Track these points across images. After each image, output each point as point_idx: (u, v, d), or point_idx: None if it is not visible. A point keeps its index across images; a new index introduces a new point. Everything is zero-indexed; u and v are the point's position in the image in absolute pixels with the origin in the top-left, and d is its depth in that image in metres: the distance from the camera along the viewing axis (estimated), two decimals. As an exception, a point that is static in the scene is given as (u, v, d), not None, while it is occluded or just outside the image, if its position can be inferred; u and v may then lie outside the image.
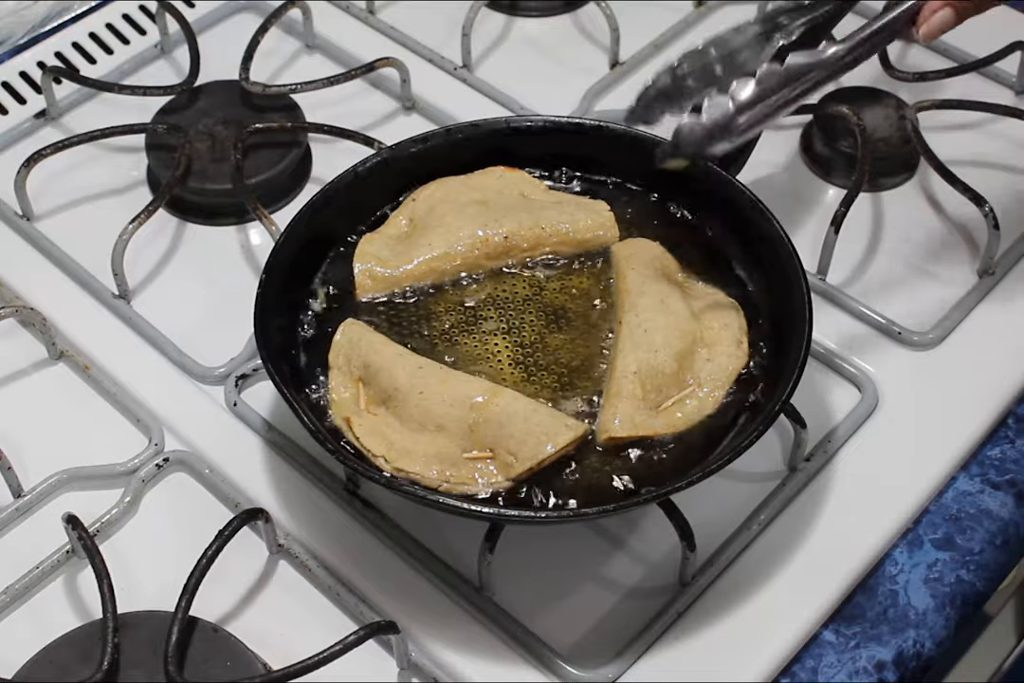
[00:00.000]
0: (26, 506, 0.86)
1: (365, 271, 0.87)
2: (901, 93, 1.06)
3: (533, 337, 0.85)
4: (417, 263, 0.87)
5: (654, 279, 0.85)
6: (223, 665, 0.77)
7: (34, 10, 1.15)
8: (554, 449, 0.78)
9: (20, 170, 1.00)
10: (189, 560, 0.78)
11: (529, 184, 0.92)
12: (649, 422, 0.80)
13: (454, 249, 0.88)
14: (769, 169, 1.04)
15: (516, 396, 0.80)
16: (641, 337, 0.82)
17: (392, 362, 0.81)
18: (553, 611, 0.81)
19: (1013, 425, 0.91)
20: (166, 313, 0.96)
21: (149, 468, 0.87)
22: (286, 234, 0.86)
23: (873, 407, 0.90)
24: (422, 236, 0.88)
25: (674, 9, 1.16)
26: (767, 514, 0.85)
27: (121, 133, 1.04)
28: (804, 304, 0.81)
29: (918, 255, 0.99)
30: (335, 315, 0.86)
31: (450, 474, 0.78)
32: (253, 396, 0.92)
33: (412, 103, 1.09)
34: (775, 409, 0.77)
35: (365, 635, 0.74)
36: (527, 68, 1.13)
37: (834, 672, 0.80)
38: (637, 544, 0.85)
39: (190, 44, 1.09)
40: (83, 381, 0.93)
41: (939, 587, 0.83)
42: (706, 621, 0.81)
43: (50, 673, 0.77)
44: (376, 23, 1.15)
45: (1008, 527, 0.86)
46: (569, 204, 0.90)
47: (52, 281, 0.98)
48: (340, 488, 0.86)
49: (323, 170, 1.05)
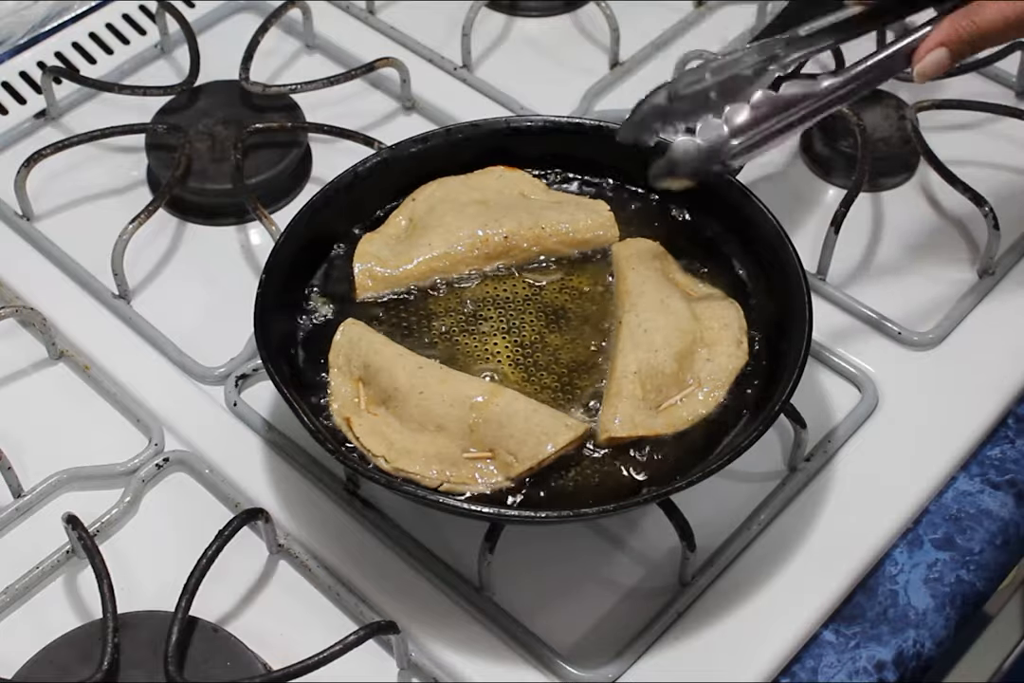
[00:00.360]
0: (26, 506, 0.86)
1: (365, 271, 0.87)
2: (901, 93, 1.06)
3: (533, 337, 0.85)
4: (417, 263, 0.87)
5: (654, 279, 0.85)
6: (223, 665, 0.77)
7: (34, 10, 1.15)
8: (554, 449, 0.78)
9: (20, 170, 1.00)
10: (189, 560, 0.78)
11: (529, 184, 0.92)
12: (649, 422, 0.80)
13: (454, 249, 0.88)
14: (769, 169, 1.04)
15: (516, 396, 0.80)
16: (641, 337, 0.82)
17: (392, 362, 0.81)
18: (553, 611, 0.81)
19: (1013, 425, 0.91)
20: (166, 313, 0.96)
21: (149, 468, 0.87)
22: (286, 234, 0.87)
23: (873, 407, 0.90)
24: (422, 236, 0.88)
25: (674, 9, 1.16)
26: (767, 514, 0.85)
27: (121, 133, 1.04)
28: (804, 304, 0.81)
29: (918, 255, 0.99)
30: (335, 315, 0.86)
31: (450, 474, 0.78)
32: (253, 396, 0.92)
33: (412, 103, 1.09)
34: (775, 409, 0.77)
35: (365, 635, 0.74)
36: (527, 68, 1.13)
37: (834, 672, 0.80)
38: (637, 544, 0.85)
39: (190, 44, 1.09)
40: (83, 381, 0.93)
41: (939, 587, 0.83)
42: (706, 621, 0.81)
43: (50, 673, 0.77)
44: (376, 23, 1.15)
45: (1008, 527, 0.86)
46: (569, 204, 0.90)
47: (52, 281, 0.98)
48: (340, 488, 0.86)
49: (323, 170, 1.05)
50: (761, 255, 0.87)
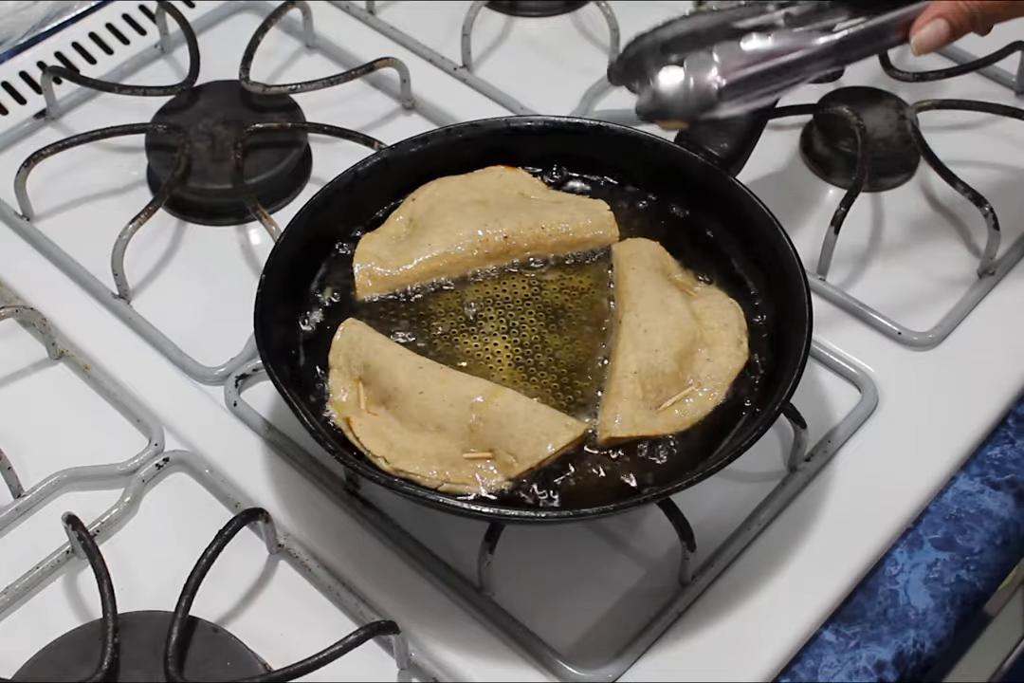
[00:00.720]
0: (26, 506, 0.86)
1: (365, 271, 0.87)
2: (901, 93, 1.06)
3: (533, 337, 0.85)
4: (417, 263, 0.87)
5: (654, 279, 0.85)
6: (223, 665, 0.77)
7: (34, 10, 1.15)
8: (554, 449, 0.78)
9: (20, 170, 1.00)
10: (189, 560, 0.78)
11: (529, 184, 0.92)
12: (649, 422, 0.80)
13: (454, 249, 0.88)
14: (769, 169, 1.04)
15: (516, 396, 0.80)
16: (641, 337, 0.82)
17: (392, 362, 0.81)
18: (553, 611, 0.81)
19: (1013, 425, 0.91)
20: (166, 313, 0.96)
21: (149, 468, 0.87)
22: (286, 234, 0.86)
23: (873, 407, 0.90)
24: (422, 236, 0.88)
25: (674, 9, 1.14)
26: (767, 514, 0.85)
27: (121, 133, 1.04)
28: (804, 304, 0.81)
29: (918, 255, 0.99)
30: (335, 315, 0.86)
31: (450, 474, 0.78)
32: (253, 396, 0.92)
33: (412, 103, 1.09)
34: (775, 409, 0.77)
35: (365, 635, 0.74)
36: (527, 68, 1.13)
37: (834, 672, 0.80)
38: (637, 544, 0.85)
39: (190, 44, 1.09)
40: (83, 381, 0.93)
41: (939, 587, 0.83)
42: (706, 621, 0.81)
43: (50, 673, 0.77)
44: (376, 23, 1.15)
45: (1008, 527, 0.86)
46: (569, 204, 0.90)
47: (52, 281, 0.98)
48: (340, 488, 0.86)
49: (323, 170, 1.05)
50: (761, 255, 0.87)
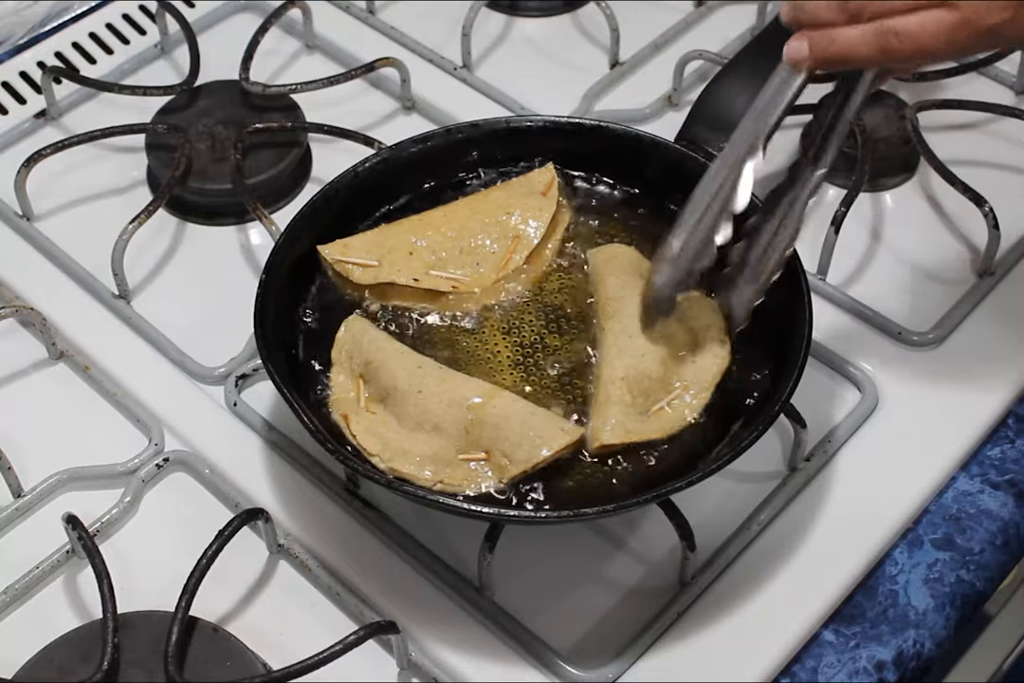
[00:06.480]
0: (26, 506, 0.86)
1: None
2: (901, 93, 1.06)
3: (533, 337, 0.85)
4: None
5: (634, 284, 0.85)
6: (223, 665, 0.77)
7: (34, 10, 1.15)
8: (549, 453, 0.77)
9: (20, 170, 1.00)
10: (189, 560, 0.78)
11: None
12: (641, 427, 0.80)
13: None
14: (769, 169, 1.04)
15: (514, 398, 0.80)
16: (626, 342, 0.82)
17: (393, 359, 0.81)
18: (553, 611, 0.81)
19: (1013, 425, 0.91)
20: (166, 313, 0.96)
21: (149, 468, 0.87)
22: (286, 234, 0.87)
23: (873, 407, 0.90)
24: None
25: (674, 9, 1.16)
26: (767, 514, 0.85)
27: (121, 133, 1.04)
28: (804, 304, 0.81)
29: (918, 255, 0.99)
30: (335, 315, 0.86)
31: (444, 475, 0.78)
32: (253, 396, 0.92)
33: (412, 103, 1.09)
34: (775, 409, 0.77)
35: (365, 635, 0.74)
36: (527, 68, 1.13)
37: (834, 672, 0.80)
38: (637, 544, 0.85)
39: (190, 44, 1.09)
40: (83, 381, 0.93)
41: (939, 587, 0.83)
42: (706, 621, 0.81)
43: (50, 673, 0.77)
44: (376, 23, 1.15)
45: (1008, 527, 0.86)
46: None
47: (52, 281, 0.98)
48: (340, 488, 0.86)
49: (323, 170, 1.05)
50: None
